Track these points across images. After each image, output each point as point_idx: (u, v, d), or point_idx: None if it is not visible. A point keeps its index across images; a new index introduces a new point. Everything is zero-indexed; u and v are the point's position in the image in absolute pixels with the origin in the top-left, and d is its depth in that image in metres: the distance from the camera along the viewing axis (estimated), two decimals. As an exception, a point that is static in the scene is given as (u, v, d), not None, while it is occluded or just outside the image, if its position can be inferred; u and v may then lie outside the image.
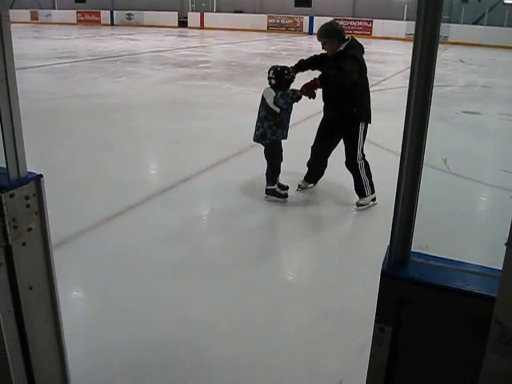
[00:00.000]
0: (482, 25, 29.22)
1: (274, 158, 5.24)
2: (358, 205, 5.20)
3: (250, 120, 8.71)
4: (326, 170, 5.53)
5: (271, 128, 5.06)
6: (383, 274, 1.35)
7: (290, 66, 5.19)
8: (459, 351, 1.37)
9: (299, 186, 5.57)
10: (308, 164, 5.47)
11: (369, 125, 5.07)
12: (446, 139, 8.32)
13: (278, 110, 4.97)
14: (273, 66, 5.12)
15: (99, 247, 4.21)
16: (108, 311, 3.41)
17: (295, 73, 5.19)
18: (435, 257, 1.41)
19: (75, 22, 37.17)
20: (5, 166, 1.83)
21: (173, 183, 5.68)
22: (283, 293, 3.75)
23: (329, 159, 5.43)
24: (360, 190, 5.20)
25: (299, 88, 4.83)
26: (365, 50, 5.03)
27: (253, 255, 4.35)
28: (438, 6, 1.20)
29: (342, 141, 5.21)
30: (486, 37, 27.42)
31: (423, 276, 1.33)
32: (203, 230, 4.80)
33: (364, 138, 5.06)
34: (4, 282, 1.84)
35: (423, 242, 1.47)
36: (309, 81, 4.83)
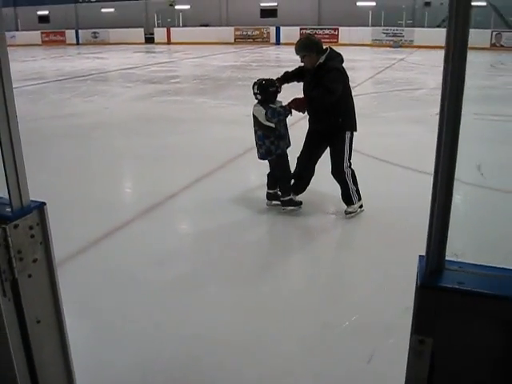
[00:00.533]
0: (445, 27, 29.60)
1: (284, 169, 5.21)
2: (347, 212, 5.17)
3: (228, 133, 8.80)
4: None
5: (273, 144, 5.03)
6: (421, 286, 1.32)
7: (275, 78, 5.17)
8: (501, 359, 1.34)
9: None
10: (294, 175, 5.40)
11: (354, 133, 5.06)
12: (430, 142, 8.39)
13: (272, 124, 4.94)
14: (257, 81, 5.07)
15: (91, 270, 4.10)
16: (106, 334, 3.31)
17: (281, 85, 5.18)
18: (470, 264, 1.38)
19: (40, 42, 36.84)
20: (3, 194, 1.76)
21: (159, 201, 5.59)
22: (282, 305, 3.70)
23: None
24: (347, 198, 5.18)
25: (285, 100, 4.83)
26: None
27: (248, 269, 4.30)
28: (467, 14, 1.18)
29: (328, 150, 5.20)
30: (450, 39, 27.85)
31: (462, 284, 1.30)
32: (194, 247, 4.72)
33: (350, 147, 5.04)
34: (12, 317, 1.76)
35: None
36: (297, 98, 4.90)
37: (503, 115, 9.81)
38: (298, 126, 5.74)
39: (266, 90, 4.99)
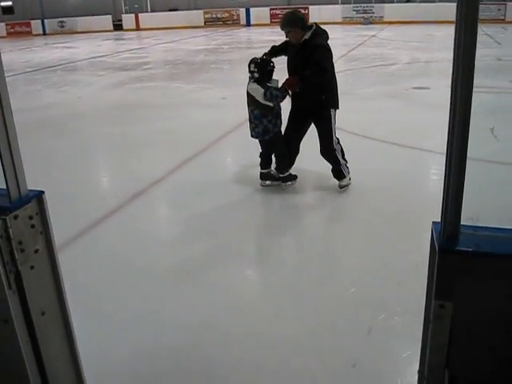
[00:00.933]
0: (414, 2, 29.80)
1: (281, 146, 5.20)
2: (341, 186, 5.23)
3: (206, 116, 8.74)
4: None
5: (271, 122, 5.01)
6: (440, 250, 1.33)
7: (264, 54, 5.17)
8: None
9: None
10: None
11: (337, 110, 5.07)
12: (408, 116, 8.46)
13: (271, 104, 4.93)
14: (253, 59, 5.04)
15: (84, 259, 4.05)
16: (106, 322, 3.28)
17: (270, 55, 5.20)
18: (485, 227, 1.40)
19: (5, 34, 36.06)
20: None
21: (145, 186, 5.55)
22: (279, 286, 3.70)
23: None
24: (339, 173, 5.20)
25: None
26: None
27: (246, 251, 4.32)
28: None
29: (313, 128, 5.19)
30: (419, 14, 28.02)
31: (479, 247, 1.32)
32: (187, 230, 4.68)
33: (335, 124, 5.05)
34: (17, 310, 1.72)
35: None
36: (289, 78, 4.88)
37: (483, 87, 9.88)
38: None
39: (263, 69, 4.96)
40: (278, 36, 5.86)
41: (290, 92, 4.92)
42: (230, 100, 10.05)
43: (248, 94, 5.05)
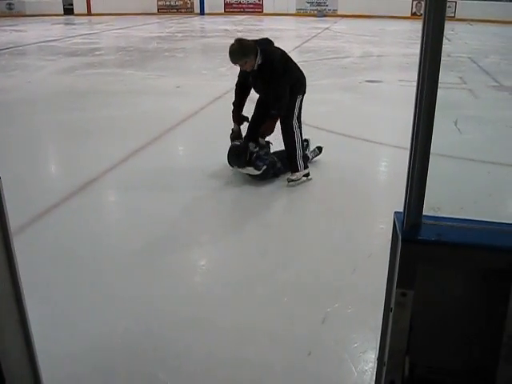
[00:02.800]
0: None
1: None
2: (289, 180, 5.18)
3: (160, 104, 8.65)
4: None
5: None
6: (403, 239, 1.35)
7: (233, 128, 5.26)
8: (479, 308, 1.40)
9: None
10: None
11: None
12: (361, 108, 8.57)
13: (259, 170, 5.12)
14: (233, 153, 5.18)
15: (31, 251, 3.95)
16: (57, 313, 3.22)
17: (239, 124, 5.29)
18: (447, 217, 1.43)
19: (-51, 15, 34.74)
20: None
21: (95, 176, 5.44)
22: (233, 275, 3.71)
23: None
24: (293, 162, 5.17)
25: None
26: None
27: (202, 238, 4.30)
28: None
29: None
30: (372, 8, 28.39)
31: (441, 236, 1.35)
32: (138, 220, 4.62)
33: (300, 108, 5.13)
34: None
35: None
36: (267, 123, 4.99)
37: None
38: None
39: (245, 156, 5.11)
40: (232, 26, 5.81)
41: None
42: (184, 88, 9.98)
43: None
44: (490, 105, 9.07)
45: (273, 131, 5.03)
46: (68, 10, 33.42)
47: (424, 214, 1.39)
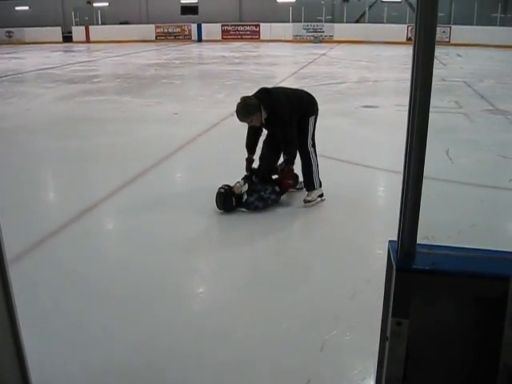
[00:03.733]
0: (363, 22, 30.52)
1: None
2: (306, 201, 5.23)
3: (157, 131, 8.69)
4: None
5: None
6: (397, 269, 1.36)
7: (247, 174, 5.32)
8: (474, 335, 1.41)
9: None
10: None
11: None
12: (357, 133, 8.62)
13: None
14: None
15: (28, 277, 3.95)
16: (57, 340, 3.21)
17: (251, 168, 5.38)
18: (441, 245, 1.44)
19: (-51, 43, 35.05)
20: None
21: (93, 203, 5.45)
22: (230, 302, 3.70)
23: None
24: (309, 181, 5.29)
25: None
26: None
27: (197, 268, 4.29)
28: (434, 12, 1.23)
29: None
30: (368, 34, 28.73)
31: (435, 265, 1.36)
32: (133, 247, 4.62)
33: (314, 129, 5.28)
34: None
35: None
36: (286, 176, 5.25)
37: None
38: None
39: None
40: (229, 52, 5.87)
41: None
42: (181, 115, 10.04)
43: None
44: (486, 128, 9.13)
45: (294, 176, 5.40)
46: (67, 38, 33.81)
47: (418, 242, 1.41)
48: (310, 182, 5.28)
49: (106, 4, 35.54)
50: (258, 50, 26.38)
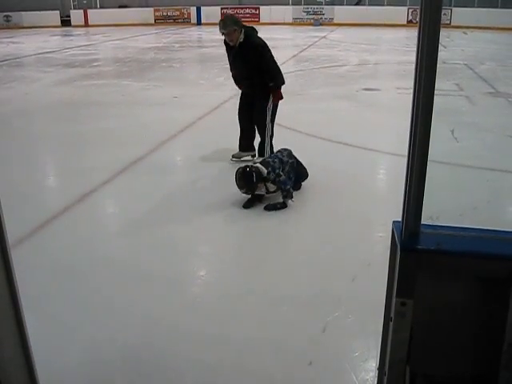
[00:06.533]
0: (364, 5, 30.26)
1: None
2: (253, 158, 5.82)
3: (157, 115, 8.65)
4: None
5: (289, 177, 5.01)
6: (402, 249, 1.35)
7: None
8: (477, 314, 1.40)
9: (233, 156, 6.03)
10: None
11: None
12: (359, 116, 8.58)
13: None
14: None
15: (31, 261, 3.94)
16: (58, 325, 3.21)
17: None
18: (445, 226, 1.43)
19: None
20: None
21: (94, 186, 5.44)
22: (232, 286, 3.70)
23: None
24: (262, 149, 5.77)
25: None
26: None
27: (197, 251, 4.28)
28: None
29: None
30: (368, 16, 28.50)
31: (440, 245, 1.35)
32: (134, 231, 4.61)
33: (275, 107, 5.67)
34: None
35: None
36: (274, 95, 5.61)
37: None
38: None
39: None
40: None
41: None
42: (181, 99, 9.99)
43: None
44: (487, 111, 9.09)
45: (282, 97, 5.69)
46: (65, 22, 33.51)
47: (422, 222, 1.39)
48: (262, 151, 5.76)
49: (105, -13, 35.22)
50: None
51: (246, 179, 4.77)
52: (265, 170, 4.77)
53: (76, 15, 33.68)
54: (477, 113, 8.94)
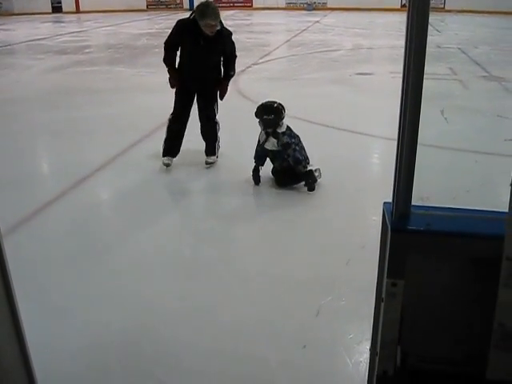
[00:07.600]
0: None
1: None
2: (208, 163, 5.51)
3: (150, 101, 8.59)
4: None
5: (295, 150, 4.99)
6: (392, 229, 1.36)
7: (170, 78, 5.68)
8: (469, 295, 1.41)
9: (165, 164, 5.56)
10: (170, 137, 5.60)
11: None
12: (352, 101, 8.57)
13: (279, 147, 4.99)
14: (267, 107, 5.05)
15: (22, 248, 3.94)
16: (54, 310, 3.22)
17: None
18: (435, 207, 1.44)
19: None
20: None
21: (88, 173, 5.43)
22: (227, 270, 3.71)
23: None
24: (212, 148, 5.55)
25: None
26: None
27: (193, 238, 4.29)
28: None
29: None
30: (362, 0, 28.39)
31: (430, 226, 1.36)
32: (130, 217, 4.62)
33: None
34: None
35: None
36: (224, 89, 5.45)
37: (424, 73, 10.12)
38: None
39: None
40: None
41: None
42: (174, 85, 9.92)
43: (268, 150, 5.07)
44: (481, 95, 9.09)
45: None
46: (56, 8, 33.21)
47: (413, 204, 1.40)
48: (213, 150, 5.57)
49: (96, -27, 34.87)
50: (250, 18, 26.02)
51: (276, 110, 5.01)
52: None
53: (67, 1, 33.32)
54: (470, 96, 8.95)
